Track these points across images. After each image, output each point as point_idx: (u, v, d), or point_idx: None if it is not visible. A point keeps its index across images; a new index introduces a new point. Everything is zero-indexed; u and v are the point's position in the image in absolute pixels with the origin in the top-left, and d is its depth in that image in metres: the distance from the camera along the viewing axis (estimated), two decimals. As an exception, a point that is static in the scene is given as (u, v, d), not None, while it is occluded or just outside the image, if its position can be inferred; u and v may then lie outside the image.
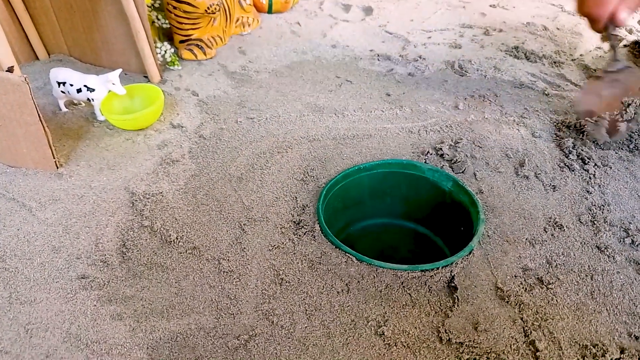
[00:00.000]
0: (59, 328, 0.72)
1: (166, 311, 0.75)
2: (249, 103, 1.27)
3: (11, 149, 1.02)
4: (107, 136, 1.14)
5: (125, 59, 1.38)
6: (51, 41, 1.46)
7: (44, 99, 1.27)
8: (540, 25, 1.72)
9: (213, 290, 0.78)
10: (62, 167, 1.04)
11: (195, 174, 1.02)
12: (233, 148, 1.10)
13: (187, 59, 1.48)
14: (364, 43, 1.61)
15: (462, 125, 1.17)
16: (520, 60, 1.50)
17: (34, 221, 0.91)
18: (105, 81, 1.14)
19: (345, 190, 1.02)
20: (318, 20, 1.78)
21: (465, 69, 1.44)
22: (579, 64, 1.48)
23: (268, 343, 0.70)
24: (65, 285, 0.79)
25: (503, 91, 1.33)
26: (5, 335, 0.71)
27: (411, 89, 1.34)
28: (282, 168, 1.04)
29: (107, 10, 1.29)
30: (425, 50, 1.56)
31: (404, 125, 1.18)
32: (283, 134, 1.14)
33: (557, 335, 0.72)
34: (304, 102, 1.27)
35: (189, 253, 0.84)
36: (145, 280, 0.80)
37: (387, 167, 1.03)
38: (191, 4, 1.37)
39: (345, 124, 1.18)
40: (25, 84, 0.92)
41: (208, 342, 0.71)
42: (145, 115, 1.12)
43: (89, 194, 0.97)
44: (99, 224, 0.90)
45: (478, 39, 1.63)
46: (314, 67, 1.46)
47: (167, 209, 0.93)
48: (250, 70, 1.43)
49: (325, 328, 0.72)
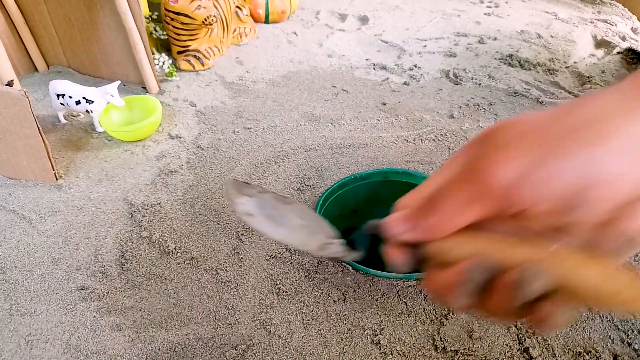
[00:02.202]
0: (59, 339, 0.73)
1: (165, 321, 0.76)
2: (246, 113, 1.28)
3: (11, 161, 1.03)
4: (106, 147, 1.16)
5: (123, 70, 1.39)
6: (50, 53, 1.48)
7: (43, 110, 1.28)
8: (534, 33, 1.74)
9: (211, 301, 0.79)
10: (61, 178, 1.05)
11: (193, 184, 1.03)
12: (231, 158, 1.11)
13: (185, 70, 1.49)
14: (360, 52, 1.63)
15: (457, 133, 1.19)
16: (514, 68, 1.52)
17: (34, 233, 0.92)
18: (104, 93, 1.15)
19: (341, 199, 1.03)
20: (314, 29, 1.80)
21: (460, 78, 1.45)
22: (573, 72, 1.49)
23: (265, 353, 0.71)
24: (65, 296, 0.80)
25: (497, 99, 1.34)
26: (6, 347, 0.72)
27: (406, 97, 1.36)
28: (279, 177, 1.05)
29: (106, 22, 1.31)
30: (421, 59, 1.58)
31: (400, 134, 1.19)
32: (280, 144, 1.15)
33: (550, 342, 0.73)
34: (301, 112, 1.29)
35: (187, 263, 0.85)
36: (144, 290, 0.81)
37: (383, 175, 1.05)
38: (189, 15, 1.39)
39: (341, 133, 1.19)
40: (25, 97, 0.93)
41: (206, 352, 0.71)
42: (144, 126, 1.14)
43: (88, 205, 0.98)
44: (98, 235, 0.91)
45: (473, 48, 1.65)
46: (310, 77, 1.47)
47: (166, 219, 0.94)
48: (248, 81, 1.45)
49: (322, 337, 0.73)
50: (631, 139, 0.23)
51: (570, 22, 1.84)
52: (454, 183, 0.28)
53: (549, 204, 0.25)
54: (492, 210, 0.26)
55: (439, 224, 0.28)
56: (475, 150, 0.28)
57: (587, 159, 0.23)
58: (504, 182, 0.25)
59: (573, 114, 0.25)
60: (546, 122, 0.25)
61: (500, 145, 0.26)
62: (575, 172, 0.24)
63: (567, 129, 0.24)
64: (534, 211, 0.25)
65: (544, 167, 0.24)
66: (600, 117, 0.24)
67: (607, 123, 0.23)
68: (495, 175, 0.25)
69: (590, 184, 0.23)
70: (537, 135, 0.25)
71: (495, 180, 0.25)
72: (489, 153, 0.26)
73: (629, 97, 0.24)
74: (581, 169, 0.23)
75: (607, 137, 0.23)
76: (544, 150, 0.24)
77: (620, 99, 0.24)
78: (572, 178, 0.24)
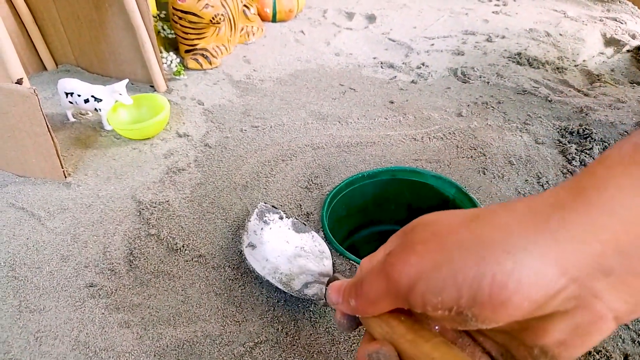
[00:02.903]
0: (68, 336, 0.74)
1: (173, 319, 0.76)
2: (253, 112, 1.28)
3: (20, 159, 1.03)
4: (114, 146, 1.16)
5: (131, 69, 1.40)
6: (59, 52, 1.49)
7: (52, 109, 1.29)
8: (542, 31, 1.73)
9: (219, 298, 0.79)
10: (70, 176, 1.05)
11: (201, 182, 1.04)
12: (238, 156, 1.11)
13: (193, 69, 1.49)
14: (367, 51, 1.63)
15: (465, 132, 1.18)
16: (522, 66, 1.51)
17: (42, 230, 0.92)
18: (112, 91, 1.15)
19: (349, 197, 1.03)
20: (322, 28, 1.80)
21: (468, 76, 1.44)
22: (582, 70, 1.48)
23: (273, 350, 0.71)
24: (73, 293, 0.80)
25: (506, 98, 1.33)
26: (16, 343, 0.73)
27: (414, 96, 1.35)
28: (286, 176, 1.05)
29: (114, 21, 1.31)
30: (428, 58, 1.57)
31: (407, 133, 1.18)
32: (287, 142, 1.15)
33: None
34: (308, 110, 1.29)
35: (195, 261, 0.86)
36: (152, 288, 0.81)
37: (390, 174, 1.04)
38: (196, 14, 1.39)
39: (348, 132, 1.19)
40: (34, 95, 0.93)
41: (214, 349, 0.71)
42: (152, 125, 1.14)
43: (97, 203, 0.98)
44: (106, 232, 0.91)
45: (481, 46, 1.64)
46: (317, 75, 1.47)
47: (174, 217, 0.95)
48: (255, 79, 1.45)
49: (329, 335, 0.73)
50: (520, 264, 0.23)
51: (579, 20, 1.83)
52: (374, 273, 0.29)
53: (444, 308, 0.25)
54: (401, 305, 0.28)
55: (361, 307, 0.31)
56: (397, 242, 0.30)
57: (481, 269, 0.24)
58: (405, 283, 0.26)
59: (482, 222, 0.25)
60: (457, 226, 0.26)
61: (413, 243, 0.27)
62: (468, 281, 0.24)
63: (472, 238, 0.25)
64: (433, 314, 0.26)
65: (439, 272, 0.25)
66: (505, 231, 0.24)
67: (503, 241, 0.24)
68: (400, 274, 0.27)
69: (482, 294, 0.24)
70: (444, 239, 0.26)
71: (399, 280, 0.27)
72: (404, 249, 0.28)
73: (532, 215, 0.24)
74: (474, 279, 0.24)
75: (497, 258, 0.23)
76: (444, 256, 0.25)
77: (524, 217, 0.24)
78: (465, 287, 0.24)
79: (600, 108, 1.26)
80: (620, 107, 1.26)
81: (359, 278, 0.31)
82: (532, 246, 0.23)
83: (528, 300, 0.23)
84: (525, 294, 0.23)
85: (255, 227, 0.85)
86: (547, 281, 0.23)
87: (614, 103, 1.29)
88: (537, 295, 0.23)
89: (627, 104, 1.28)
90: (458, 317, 0.25)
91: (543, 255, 0.23)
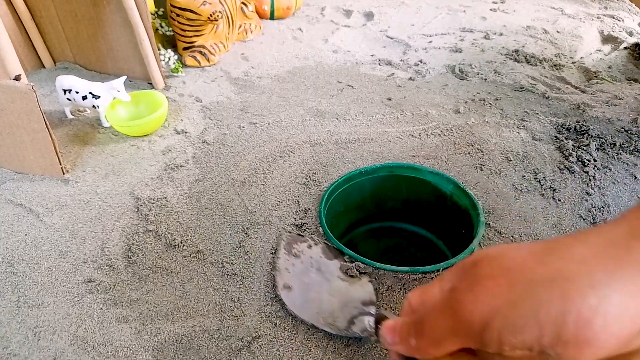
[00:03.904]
0: (66, 331, 0.74)
1: (171, 314, 0.76)
2: (251, 108, 1.28)
3: (18, 156, 1.04)
4: (113, 142, 1.16)
5: (129, 66, 1.40)
6: (57, 49, 1.49)
7: (50, 106, 1.29)
8: (540, 28, 1.73)
9: (217, 293, 0.79)
10: (68, 173, 1.06)
11: (199, 178, 1.04)
12: (236, 153, 1.11)
13: (191, 66, 1.49)
14: (365, 48, 1.63)
15: (463, 128, 1.18)
16: (520, 63, 1.51)
17: (41, 226, 0.92)
18: (110, 88, 1.15)
19: (347, 193, 1.03)
20: (320, 25, 1.80)
21: (466, 73, 1.45)
22: (579, 67, 1.49)
23: (271, 345, 0.71)
24: (72, 289, 0.80)
25: (503, 94, 1.34)
26: (14, 338, 0.73)
27: (412, 93, 1.36)
28: (284, 172, 1.05)
29: (112, 18, 1.31)
30: (426, 55, 1.57)
31: (405, 129, 1.19)
32: (285, 139, 1.16)
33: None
34: (306, 107, 1.29)
35: (193, 257, 0.86)
36: (150, 283, 0.81)
37: (388, 170, 1.05)
38: (194, 11, 1.40)
39: (346, 128, 1.19)
40: (32, 92, 0.93)
41: (212, 344, 0.72)
42: (150, 121, 1.14)
43: (95, 200, 0.99)
44: (104, 228, 0.92)
45: (478, 43, 1.64)
46: (315, 73, 1.47)
47: (172, 213, 0.95)
48: (253, 76, 1.45)
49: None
50: (605, 299, 0.22)
51: (576, 17, 1.83)
52: (438, 311, 0.28)
53: (523, 347, 0.24)
54: (472, 344, 0.27)
55: (424, 347, 0.29)
56: (460, 278, 0.28)
57: (565, 306, 0.23)
58: (478, 322, 0.25)
59: (557, 256, 0.24)
60: (528, 260, 0.25)
61: (481, 278, 0.26)
62: (551, 318, 0.23)
63: (550, 273, 0.24)
64: (510, 353, 0.25)
65: (518, 309, 0.24)
66: (585, 265, 0.23)
67: (586, 276, 0.23)
68: (472, 313, 0.25)
69: (567, 331, 0.22)
70: (516, 274, 0.25)
71: (470, 318, 0.25)
72: (471, 285, 0.26)
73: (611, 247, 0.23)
74: (557, 315, 0.23)
75: (582, 294, 0.22)
76: (521, 292, 0.24)
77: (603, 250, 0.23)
78: (548, 324, 0.23)
79: (597, 105, 1.27)
80: (617, 103, 1.27)
81: (419, 316, 0.29)
82: (616, 280, 0.22)
83: (615, 338, 0.22)
84: (612, 331, 0.21)
85: (286, 264, 0.81)
86: (633, 316, 0.21)
87: (611, 100, 1.29)
88: (625, 331, 0.22)
89: (624, 101, 1.28)
90: (538, 357, 0.24)
91: (628, 289, 0.21)
